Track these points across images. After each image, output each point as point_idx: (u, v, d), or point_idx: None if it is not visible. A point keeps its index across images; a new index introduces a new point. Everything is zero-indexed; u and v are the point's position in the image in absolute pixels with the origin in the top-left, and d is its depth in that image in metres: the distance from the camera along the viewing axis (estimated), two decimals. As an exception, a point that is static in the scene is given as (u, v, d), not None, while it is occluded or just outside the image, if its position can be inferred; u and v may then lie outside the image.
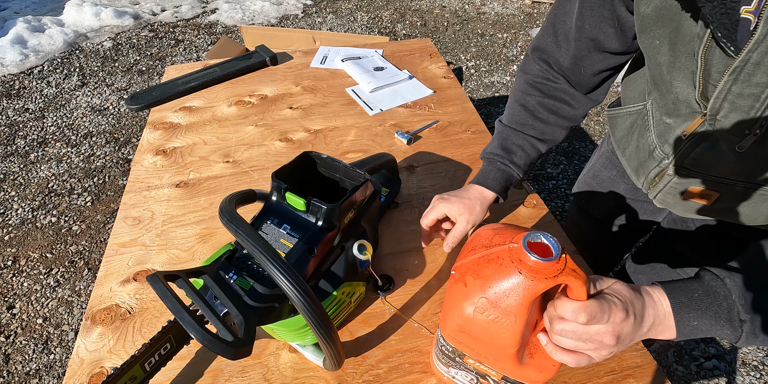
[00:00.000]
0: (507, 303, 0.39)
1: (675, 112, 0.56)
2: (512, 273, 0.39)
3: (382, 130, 1.01)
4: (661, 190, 0.63)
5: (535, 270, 0.38)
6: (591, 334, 0.41)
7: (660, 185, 0.63)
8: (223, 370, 0.61)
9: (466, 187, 0.72)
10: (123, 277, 0.72)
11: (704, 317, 0.44)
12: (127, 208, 0.84)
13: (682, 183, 0.59)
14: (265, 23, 3.25)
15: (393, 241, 0.77)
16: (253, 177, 0.90)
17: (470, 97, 2.37)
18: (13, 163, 2.14)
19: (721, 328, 0.44)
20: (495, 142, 0.75)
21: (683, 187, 0.60)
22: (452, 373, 0.55)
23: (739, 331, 0.44)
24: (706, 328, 0.45)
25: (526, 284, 0.38)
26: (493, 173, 0.72)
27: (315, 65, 1.23)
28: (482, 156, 0.76)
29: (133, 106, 1.07)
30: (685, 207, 0.63)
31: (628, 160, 0.71)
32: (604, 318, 0.40)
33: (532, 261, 0.37)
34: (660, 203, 0.66)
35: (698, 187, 0.58)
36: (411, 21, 3.24)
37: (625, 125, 0.71)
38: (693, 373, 1.37)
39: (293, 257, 0.53)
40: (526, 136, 0.72)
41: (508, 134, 0.74)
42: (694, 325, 0.45)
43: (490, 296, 0.40)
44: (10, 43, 2.81)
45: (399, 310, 0.67)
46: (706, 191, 0.57)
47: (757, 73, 0.42)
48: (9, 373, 1.42)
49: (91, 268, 1.71)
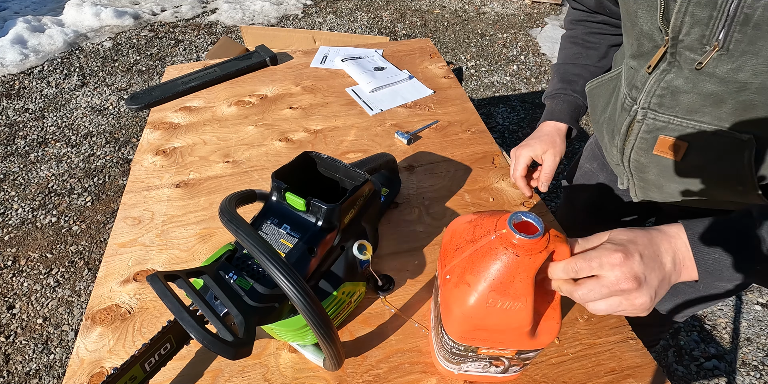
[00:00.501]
0: (514, 288, 0.40)
1: (639, 51, 0.57)
2: (510, 259, 0.40)
3: (382, 130, 1.01)
4: (634, 146, 0.63)
5: (528, 249, 0.39)
6: (608, 287, 0.40)
7: (632, 139, 0.63)
8: (223, 370, 0.61)
9: (537, 129, 0.76)
10: (123, 277, 0.72)
11: (725, 249, 0.42)
12: (127, 208, 0.84)
13: (651, 131, 0.59)
14: (265, 23, 3.25)
15: (393, 241, 0.77)
16: (253, 177, 0.90)
17: (470, 97, 2.37)
18: (13, 163, 2.14)
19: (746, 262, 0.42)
20: (554, 79, 0.79)
21: (653, 136, 0.60)
22: (464, 368, 0.55)
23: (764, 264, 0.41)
24: (728, 262, 0.42)
25: (525, 264, 0.39)
26: (559, 106, 0.75)
27: (315, 65, 1.23)
28: (545, 96, 0.79)
29: (133, 106, 1.07)
30: (658, 167, 0.62)
31: (605, 129, 0.72)
32: (593, 265, 0.40)
33: (525, 241, 0.38)
34: (635, 168, 0.66)
35: (668, 137, 0.58)
36: (411, 21, 3.24)
37: (605, 94, 0.73)
38: (693, 373, 1.37)
39: (293, 257, 0.53)
40: (582, 65, 0.77)
41: (565, 69, 0.79)
42: (714, 259, 0.42)
43: (497, 287, 0.41)
44: (10, 43, 2.81)
45: (399, 310, 0.67)
46: (675, 142, 0.57)
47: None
48: (9, 373, 1.42)
49: (91, 268, 1.71)
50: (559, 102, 0.76)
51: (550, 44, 2.97)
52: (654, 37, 0.53)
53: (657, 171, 0.64)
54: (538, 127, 0.78)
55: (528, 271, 0.39)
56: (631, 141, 0.63)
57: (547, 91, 0.80)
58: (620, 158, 0.67)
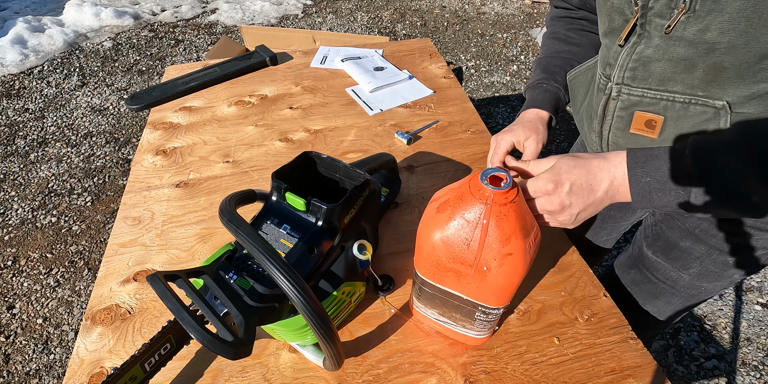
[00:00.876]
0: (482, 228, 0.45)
1: (611, 27, 0.58)
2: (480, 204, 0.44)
3: (382, 130, 1.01)
4: (611, 126, 0.63)
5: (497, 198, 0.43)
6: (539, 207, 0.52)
7: (608, 119, 0.63)
8: (223, 370, 0.61)
9: (518, 116, 0.76)
10: (123, 277, 0.72)
11: (657, 173, 0.47)
12: (127, 208, 0.84)
13: (626, 108, 0.60)
14: (265, 23, 3.25)
15: (393, 241, 0.77)
16: (253, 177, 0.90)
17: (470, 97, 2.37)
18: (13, 163, 2.14)
19: (673, 185, 0.47)
20: (535, 71, 0.79)
21: (629, 113, 0.60)
22: (435, 316, 0.60)
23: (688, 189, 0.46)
24: (657, 185, 0.47)
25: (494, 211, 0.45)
26: (541, 95, 0.76)
27: (315, 65, 1.23)
28: (526, 88, 0.80)
29: (133, 106, 1.07)
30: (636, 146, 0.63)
31: (584, 116, 0.73)
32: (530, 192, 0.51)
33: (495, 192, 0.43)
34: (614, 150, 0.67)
35: (643, 113, 0.58)
36: (411, 21, 3.24)
37: (584, 83, 0.74)
38: (693, 373, 1.37)
39: (293, 257, 0.53)
40: (564, 58, 0.78)
41: (546, 61, 0.79)
42: (646, 182, 0.47)
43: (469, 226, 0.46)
44: (10, 43, 2.81)
45: (399, 310, 0.67)
46: (651, 117, 0.58)
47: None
48: (9, 373, 1.42)
49: (91, 268, 1.71)
50: (541, 91, 0.77)
51: (550, 44, 2.96)
52: (624, 10, 0.54)
53: None
54: (520, 115, 0.77)
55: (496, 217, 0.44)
56: (608, 121, 0.63)
57: (529, 83, 0.80)
58: (599, 143, 0.67)
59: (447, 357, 0.62)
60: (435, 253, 0.48)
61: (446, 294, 0.53)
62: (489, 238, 0.43)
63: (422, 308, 0.61)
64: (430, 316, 0.61)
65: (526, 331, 0.64)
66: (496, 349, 0.62)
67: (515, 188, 0.44)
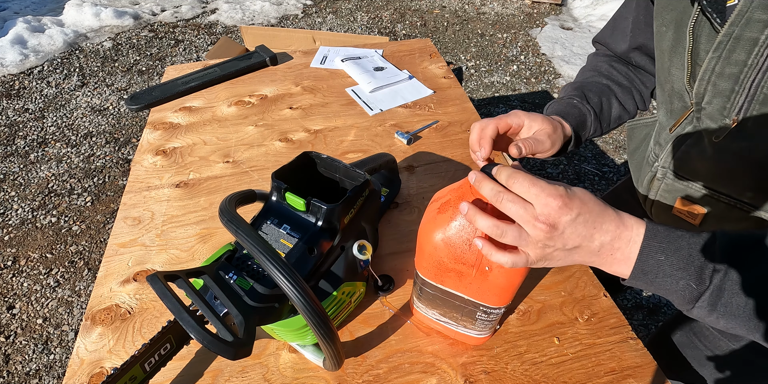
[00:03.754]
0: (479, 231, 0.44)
1: (669, 108, 0.56)
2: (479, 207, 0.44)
3: (382, 130, 1.01)
4: (654, 202, 0.63)
5: None
6: (529, 212, 0.38)
7: (653, 193, 0.62)
8: (223, 371, 0.61)
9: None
10: (123, 277, 0.72)
11: (675, 256, 0.38)
12: (127, 208, 0.84)
13: (671, 191, 0.59)
14: (265, 23, 3.25)
15: (393, 241, 0.77)
16: (253, 177, 0.90)
17: (470, 97, 2.37)
18: (13, 163, 2.14)
19: (688, 276, 0.38)
20: (565, 89, 0.68)
21: (672, 196, 0.59)
22: (436, 316, 0.60)
23: (705, 283, 0.37)
24: (671, 270, 0.38)
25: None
26: (566, 108, 0.63)
27: (315, 65, 1.23)
28: (549, 104, 0.67)
29: (133, 106, 1.07)
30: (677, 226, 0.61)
31: (634, 172, 0.71)
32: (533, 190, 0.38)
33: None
34: (656, 219, 0.65)
35: (686, 202, 0.57)
36: (411, 21, 3.24)
37: (639, 137, 0.71)
38: (693, 373, 1.37)
39: (293, 257, 0.53)
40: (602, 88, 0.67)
41: (581, 85, 0.68)
42: (660, 260, 0.38)
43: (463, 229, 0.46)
44: (10, 43, 2.81)
45: (399, 310, 0.67)
46: (693, 207, 0.56)
47: (737, 49, 0.43)
48: (9, 373, 1.42)
49: (91, 268, 1.71)
50: (568, 105, 0.64)
51: (549, 44, 2.97)
52: (684, 97, 0.52)
53: None
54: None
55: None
56: (652, 195, 0.62)
57: (555, 100, 0.69)
58: (644, 205, 0.67)
59: (447, 357, 0.62)
60: (436, 254, 0.48)
61: (447, 294, 0.53)
62: (491, 238, 0.43)
63: (423, 308, 0.61)
64: (431, 316, 0.61)
65: (526, 331, 0.64)
66: (496, 349, 0.62)
67: None
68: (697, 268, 0.37)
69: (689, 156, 0.53)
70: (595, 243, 0.39)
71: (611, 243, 0.39)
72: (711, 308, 0.38)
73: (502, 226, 0.39)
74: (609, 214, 0.40)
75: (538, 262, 0.41)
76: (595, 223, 0.39)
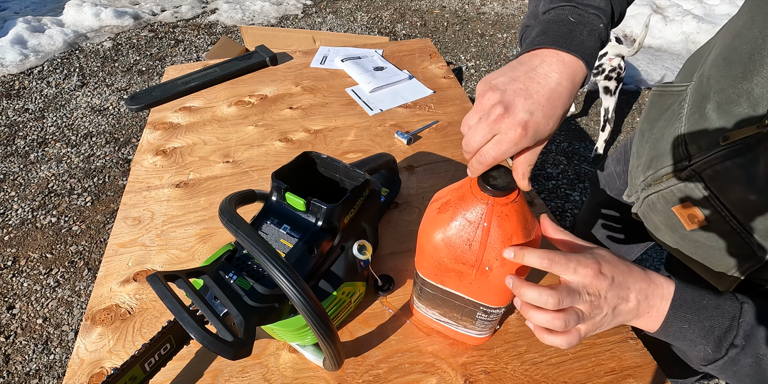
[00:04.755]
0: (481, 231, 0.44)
1: (728, 107, 0.44)
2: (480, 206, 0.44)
3: (382, 130, 1.01)
4: (659, 191, 0.58)
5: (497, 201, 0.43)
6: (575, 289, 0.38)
7: (662, 186, 0.57)
8: (223, 371, 0.61)
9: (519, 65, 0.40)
10: (123, 277, 0.72)
11: (698, 325, 0.40)
12: (127, 209, 0.84)
13: (684, 193, 0.54)
14: (265, 23, 3.25)
15: (393, 241, 0.77)
16: (253, 177, 0.90)
17: (470, 97, 2.37)
18: (13, 163, 2.14)
19: (706, 343, 0.40)
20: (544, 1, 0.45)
21: (683, 195, 0.54)
22: (436, 316, 0.60)
23: (721, 353, 0.40)
24: (692, 336, 0.40)
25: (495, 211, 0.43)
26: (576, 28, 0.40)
27: (315, 65, 1.23)
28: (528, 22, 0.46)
29: (133, 106, 1.07)
30: (667, 220, 0.58)
31: (644, 146, 0.62)
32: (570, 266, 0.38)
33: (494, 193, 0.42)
34: (647, 205, 0.62)
35: (696, 208, 0.52)
36: (411, 21, 3.24)
37: (662, 106, 0.59)
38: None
39: (293, 257, 0.53)
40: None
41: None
42: (683, 328, 0.40)
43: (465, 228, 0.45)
44: (10, 43, 2.81)
45: (399, 310, 0.67)
46: (696, 214, 0.52)
47: None
48: (9, 374, 1.42)
49: (91, 268, 1.71)
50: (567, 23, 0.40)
51: (550, 44, 2.96)
52: (758, 106, 0.41)
53: (663, 220, 0.59)
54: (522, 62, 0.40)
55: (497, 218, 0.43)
56: (660, 186, 0.57)
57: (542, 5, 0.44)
58: (640, 185, 0.62)
59: (447, 357, 0.62)
60: (437, 254, 0.48)
61: (448, 294, 0.53)
62: (491, 238, 0.43)
63: (423, 308, 0.61)
64: (431, 316, 0.61)
65: (526, 331, 0.64)
66: (496, 349, 0.62)
67: (516, 188, 0.44)
68: (717, 338, 0.39)
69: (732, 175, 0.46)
70: (631, 303, 0.40)
71: (647, 301, 0.40)
72: (721, 372, 0.40)
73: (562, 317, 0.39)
74: (638, 273, 0.41)
75: (589, 333, 0.41)
76: (628, 283, 0.40)
